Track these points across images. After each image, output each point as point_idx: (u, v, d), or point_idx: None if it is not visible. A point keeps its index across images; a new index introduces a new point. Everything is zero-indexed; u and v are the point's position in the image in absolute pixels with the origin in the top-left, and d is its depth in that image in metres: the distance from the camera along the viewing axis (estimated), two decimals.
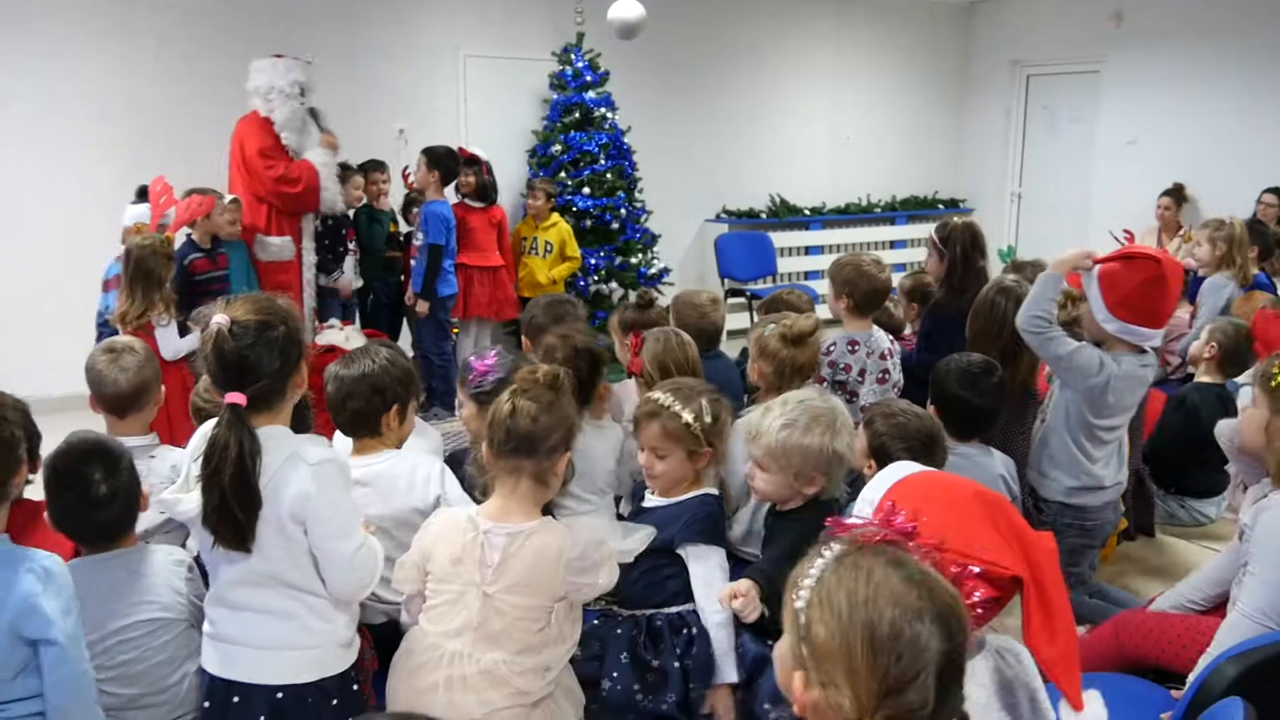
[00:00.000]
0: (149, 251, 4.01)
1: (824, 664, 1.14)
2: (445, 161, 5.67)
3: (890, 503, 1.38)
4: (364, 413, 2.53)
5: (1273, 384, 2.57)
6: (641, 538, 2.25)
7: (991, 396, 3.06)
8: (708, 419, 2.51)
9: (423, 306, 5.64)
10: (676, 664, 2.35)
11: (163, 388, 2.86)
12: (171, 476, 2.60)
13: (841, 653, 1.13)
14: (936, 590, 1.17)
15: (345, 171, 5.69)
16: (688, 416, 2.47)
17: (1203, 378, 4.24)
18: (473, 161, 5.92)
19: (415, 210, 5.79)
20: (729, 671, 2.36)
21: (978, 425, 3.10)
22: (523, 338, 3.51)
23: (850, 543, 1.24)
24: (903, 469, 1.66)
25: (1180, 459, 4.14)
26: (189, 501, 1.97)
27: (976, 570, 1.41)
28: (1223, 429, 3.21)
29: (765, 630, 2.51)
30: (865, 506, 1.55)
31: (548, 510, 2.60)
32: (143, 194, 4.59)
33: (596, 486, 2.92)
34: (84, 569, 2.15)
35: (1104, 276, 3.03)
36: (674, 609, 2.44)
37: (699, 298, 3.77)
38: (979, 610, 1.38)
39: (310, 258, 5.33)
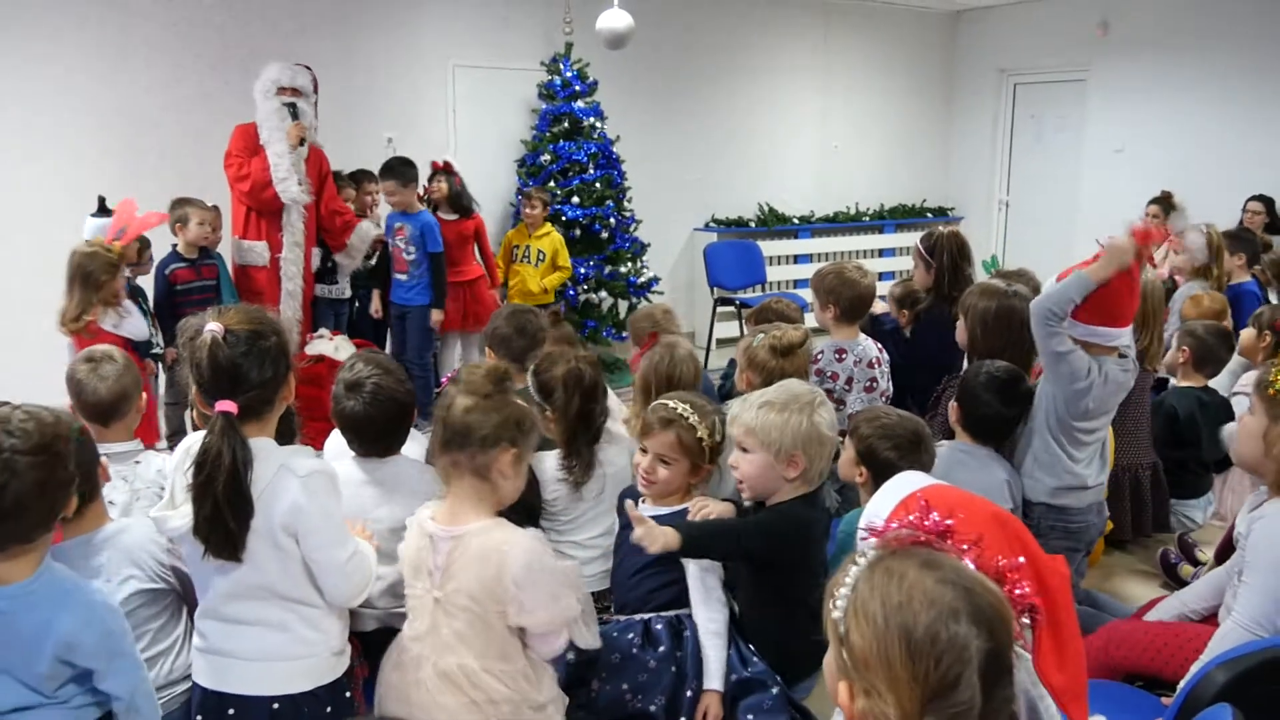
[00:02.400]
0: (88, 256, 4.04)
1: (865, 672, 1.13)
2: (411, 173, 5.55)
3: (924, 502, 1.36)
4: (402, 429, 2.59)
5: (1270, 391, 2.56)
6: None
7: (1018, 406, 3.11)
8: (717, 437, 2.57)
9: (436, 316, 5.60)
10: (673, 667, 2.37)
11: (144, 395, 2.86)
12: (158, 480, 2.61)
13: (880, 660, 1.11)
14: (974, 589, 1.14)
15: (336, 182, 5.67)
16: (703, 431, 2.54)
17: (1182, 382, 4.25)
18: (445, 170, 5.80)
19: (399, 224, 5.71)
20: (716, 678, 2.38)
21: (997, 432, 3.14)
22: (486, 349, 3.48)
23: (883, 547, 1.22)
24: (913, 480, 1.64)
25: (1165, 464, 4.15)
26: (179, 517, 1.96)
27: (1021, 560, 1.38)
28: (1229, 433, 3.21)
29: (749, 632, 2.53)
30: (876, 518, 1.52)
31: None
32: (102, 206, 4.54)
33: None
34: (67, 554, 2.15)
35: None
36: (672, 612, 2.47)
37: (653, 312, 3.93)
38: (1025, 603, 1.35)
39: (291, 269, 5.26)
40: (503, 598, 2.01)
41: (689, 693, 2.35)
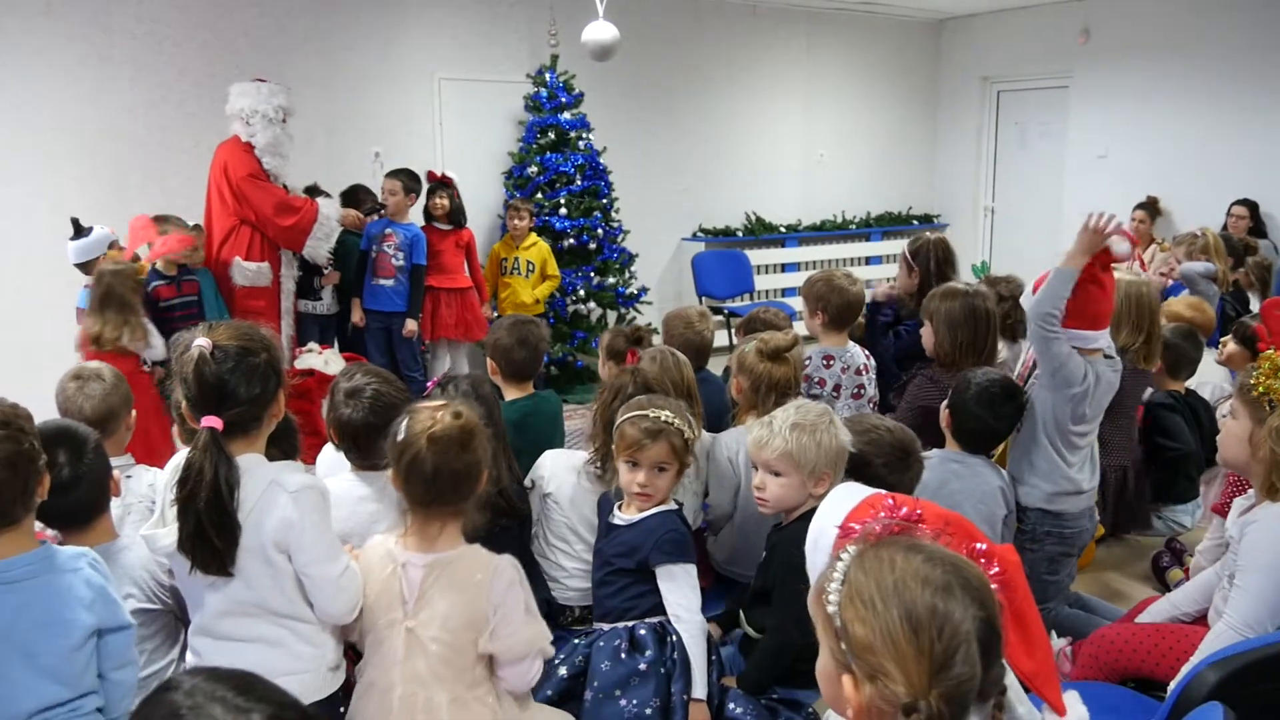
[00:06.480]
0: (119, 278, 4.06)
1: (870, 658, 1.14)
2: (417, 185, 5.75)
3: (890, 499, 1.39)
4: None
5: (1254, 394, 2.57)
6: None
7: (1010, 420, 3.12)
8: (695, 433, 2.59)
9: (411, 326, 5.67)
10: (662, 669, 2.39)
11: (134, 413, 2.86)
12: (149, 494, 2.61)
13: (885, 642, 1.13)
14: (959, 564, 1.20)
15: (316, 195, 5.66)
16: (689, 432, 2.54)
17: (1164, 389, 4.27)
18: (445, 185, 5.95)
19: (389, 230, 5.73)
20: (700, 687, 2.39)
21: (988, 443, 3.14)
22: (488, 360, 3.47)
23: (863, 541, 1.26)
24: (857, 491, 1.63)
25: (1151, 468, 4.16)
26: (167, 535, 1.95)
27: (983, 546, 1.42)
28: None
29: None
30: (828, 529, 1.52)
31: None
32: (78, 228, 4.50)
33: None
34: None
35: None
36: (655, 619, 2.48)
37: (688, 313, 3.82)
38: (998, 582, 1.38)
39: (289, 285, 5.29)
40: (478, 622, 1.98)
41: (685, 696, 2.37)
